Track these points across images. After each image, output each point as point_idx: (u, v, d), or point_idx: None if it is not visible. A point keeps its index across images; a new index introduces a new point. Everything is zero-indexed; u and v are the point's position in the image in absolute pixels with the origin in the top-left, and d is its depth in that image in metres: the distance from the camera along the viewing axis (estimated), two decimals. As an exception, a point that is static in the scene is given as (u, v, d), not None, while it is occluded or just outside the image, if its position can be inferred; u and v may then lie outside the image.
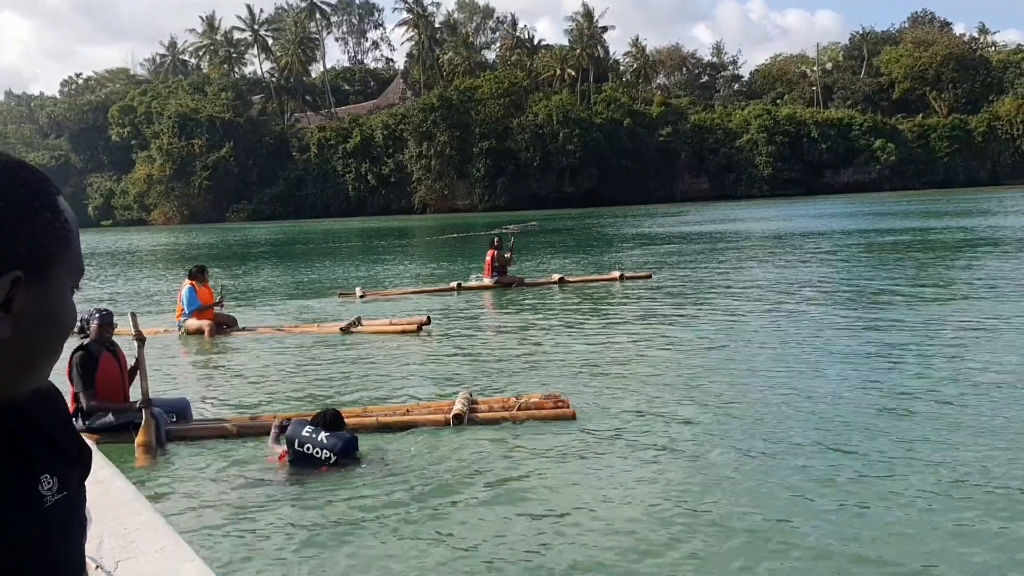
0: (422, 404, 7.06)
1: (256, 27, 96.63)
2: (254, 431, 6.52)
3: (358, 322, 11.24)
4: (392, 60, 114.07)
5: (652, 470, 5.40)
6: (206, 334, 11.29)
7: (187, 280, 11.90)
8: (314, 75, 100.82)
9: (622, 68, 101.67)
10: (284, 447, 5.82)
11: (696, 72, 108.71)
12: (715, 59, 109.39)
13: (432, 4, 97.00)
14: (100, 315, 6.59)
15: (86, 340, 6.52)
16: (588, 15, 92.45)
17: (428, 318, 11.17)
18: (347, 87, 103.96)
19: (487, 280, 16.06)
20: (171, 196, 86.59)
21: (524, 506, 4.90)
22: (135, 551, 3.38)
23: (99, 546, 3.32)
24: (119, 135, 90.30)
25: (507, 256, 16.57)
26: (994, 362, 7.91)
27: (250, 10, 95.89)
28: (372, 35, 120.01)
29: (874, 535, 4.31)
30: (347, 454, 5.66)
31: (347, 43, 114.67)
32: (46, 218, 0.86)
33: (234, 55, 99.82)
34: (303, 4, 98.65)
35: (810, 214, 43.10)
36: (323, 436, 5.66)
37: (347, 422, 6.02)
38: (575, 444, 5.99)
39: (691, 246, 25.50)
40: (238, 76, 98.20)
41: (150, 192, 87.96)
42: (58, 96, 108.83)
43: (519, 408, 6.67)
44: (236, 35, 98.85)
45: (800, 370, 7.93)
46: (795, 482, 5.09)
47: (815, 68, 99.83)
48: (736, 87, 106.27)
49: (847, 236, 26.45)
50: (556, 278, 16.31)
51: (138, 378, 6.53)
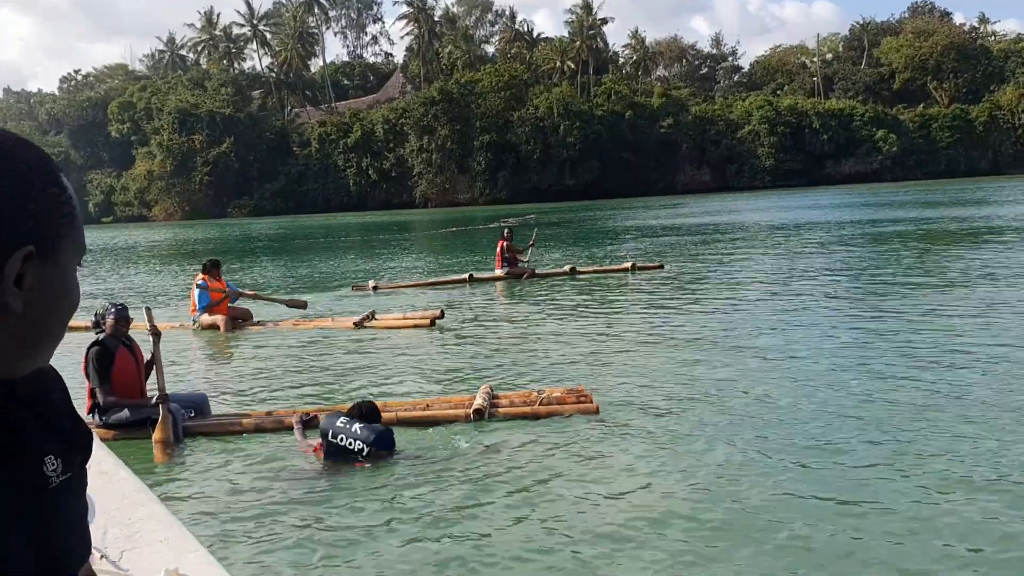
0: (442, 399, 6.98)
1: (255, 22, 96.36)
2: (273, 427, 6.46)
3: (372, 316, 11.17)
4: (391, 54, 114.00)
5: (679, 465, 5.29)
6: (221, 328, 11.23)
7: (201, 275, 11.79)
8: (313, 70, 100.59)
9: (622, 60, 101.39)
10: (318, 440, 5.74)
11: (696, 64, 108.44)
12: (714, 50, 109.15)
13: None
14: (116, 310, 6.52)
15: (102, 335, 6.44)
16: (587, 7, 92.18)
17: (442, 312, 11.10)
18: (346, 82, 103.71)
19: (498, 271, 16.04)
20: (172, 192, 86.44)
21: (551, 504, 4.81)
22: (139, 541, 3.39)
23: (104, 536, 3.30)
24: (119, 131, 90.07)
25: (529, 245, 16.99)
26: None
27: (249, 5, 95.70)
28: (371, 29, 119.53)
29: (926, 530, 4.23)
30: (381, 446, 5.56)
31: (346, 37, 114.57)
32: (53, 194, 0.85)
33: (233, 50, 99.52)
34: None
35: (818, 205, 42.93)
36: (356, 427, 5.58)
37: None
38: (600, 439, 5.89)
39: (698, 237, 25.39)
40: (237, 71, 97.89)
41: (151, 188, 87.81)
42: (57, 93, 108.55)
43: (541, 403, 6.55)
44: (235, 30, 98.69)
45: (828, 363, 7.79)
46: (831, 478, 5.00)
47: (815, 59, 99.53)
48: (736, 78, 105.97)
49: (854, 226, 26.31)
50: (568, 269, 16.27)
51: (154, 373, 6.46)
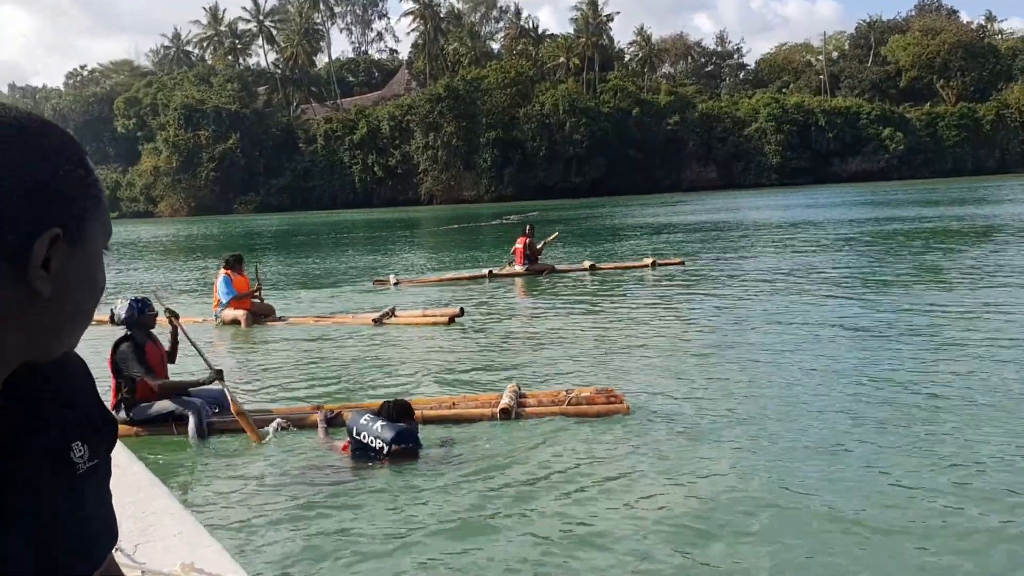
0: (468, 397, 6.89)
1: (261, 18, 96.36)
2: (297, 423, 6.41)
3: (392, 313, 11.11)
4: (396, 51, 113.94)
5: (716, 469, 5.16)
6: (243, 324, 11.18)
7: (223, 269, 11.71)
8: (319, 66, 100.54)
9: (627, 57, 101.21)
10: (345, 439, 5.68)
11: (702, 61, 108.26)
12: (719, 48, 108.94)
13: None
14: (142, 304, 6.47)
15: (131, 330, 6.39)
16: (593, 3, 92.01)
17: (461, 310, 11.02)
18: (352, 78, 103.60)
19: (519, 267, 15.99)
20: (178, 188, 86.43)
21: (582, 507, 4.70)
22: (153, 535, 3.39)
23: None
24: (125, 127, 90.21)
25: (547, 241, 16.99)
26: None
27: (255, 1, 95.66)
28: (376, 26, 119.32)
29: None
30: (402, 444, 5.46)
31: (351, 33, 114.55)
32: (80, 175, 0.84)
33: (239, 46, 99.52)
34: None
35: (831, 203, 42.68)
36: (378, 425, 5.50)
37: None
38: (633, 441, 5.74)
39: (712, 234, 25.29)
40: (243, 67, 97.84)
41: (156, 184, 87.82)
42: (63, 88, 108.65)
43: (570, 403, 6.42)
44: (241, 26, 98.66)
45: (866, 362, 7.67)
46: (872, 477, 4.93)
47: (820, 57, 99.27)
48: (742, 76, 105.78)
49: (863, 224, 26.20)
50: (587, 265, 16.15)
51: (194, 355, 6.76)
